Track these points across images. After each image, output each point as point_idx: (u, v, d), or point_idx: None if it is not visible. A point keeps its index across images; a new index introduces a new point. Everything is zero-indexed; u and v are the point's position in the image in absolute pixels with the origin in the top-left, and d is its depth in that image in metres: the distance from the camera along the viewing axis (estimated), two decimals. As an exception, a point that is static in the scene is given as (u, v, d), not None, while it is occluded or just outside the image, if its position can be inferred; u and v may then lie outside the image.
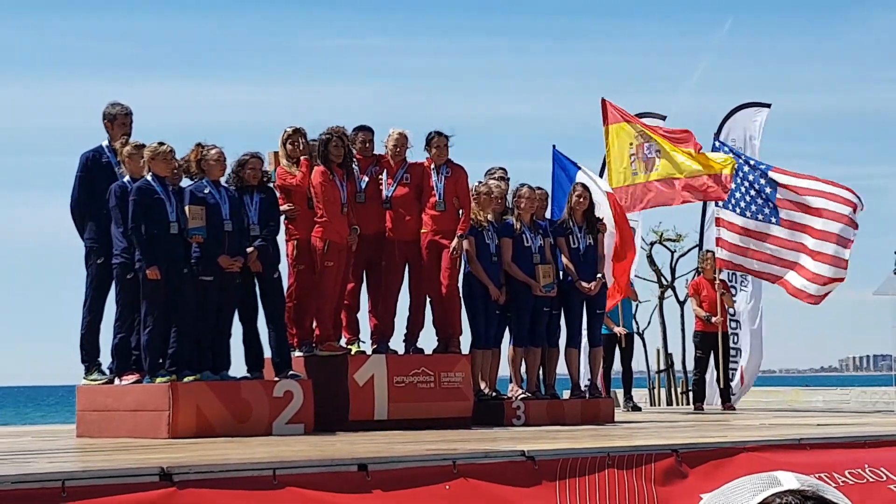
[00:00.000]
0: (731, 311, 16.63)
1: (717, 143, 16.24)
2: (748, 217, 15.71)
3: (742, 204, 15.75)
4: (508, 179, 12.72)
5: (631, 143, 15.48)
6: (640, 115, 16.23)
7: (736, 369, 17.08)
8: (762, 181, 15.55)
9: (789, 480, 2.17)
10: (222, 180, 10.66)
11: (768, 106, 17.89)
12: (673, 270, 26.82)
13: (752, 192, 15.64)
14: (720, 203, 15.99)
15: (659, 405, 24.78)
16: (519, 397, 12.14)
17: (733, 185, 15.45)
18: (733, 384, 16.80)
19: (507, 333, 12.47)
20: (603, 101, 15.72)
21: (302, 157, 11.13)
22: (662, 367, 26.45)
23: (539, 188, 12.77)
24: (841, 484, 8.47)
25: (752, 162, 15.77)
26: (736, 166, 14.97)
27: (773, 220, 15.48)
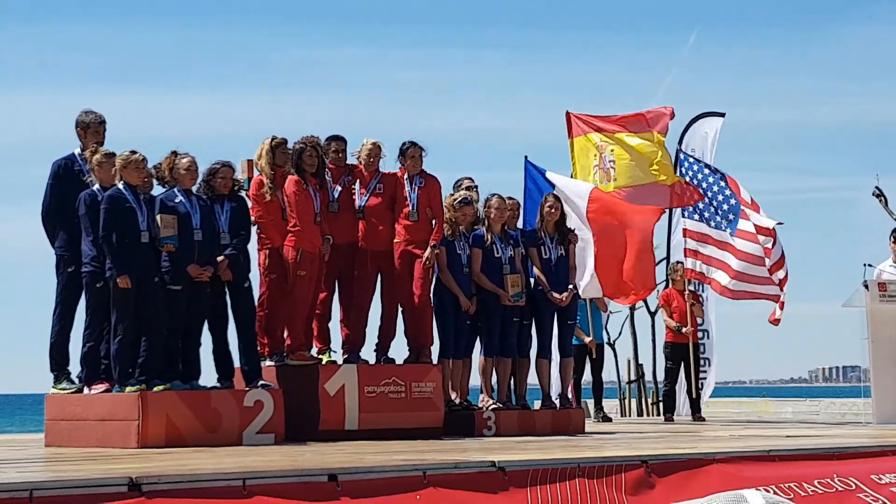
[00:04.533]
0: (700, 321, 16.69)
1: (681, 156, 16.32)
2: (712, 227, 15.82)
3: (706, 213, 15.84)
4: (477, 187, 12.74)
5: (594, 154, 15.61)
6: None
7: (706, 379, 17.16)
8: (727, 192, 15.65)
9: (755, 498, 2.19)
10: (193, 189, 10.63)
11: (723, 115, 17.99)
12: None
13: (716, 202, 15.74)
14: (686, 213, 16.09)
15: (630, 416, 24.83)
16: (490, 408, 12.14)
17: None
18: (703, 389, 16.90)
19: (478, 343, 12.47)
20: (567, 114, 15.84)
21: (267, 195, 11.04)
22: (633, 377, 26.52)
23: (510, 198, 12.78)
24: (811, 494, 8.51)
25: (711, 170, 15.86)
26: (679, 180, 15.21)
27: (730, 230, 15.60)
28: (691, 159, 16.11)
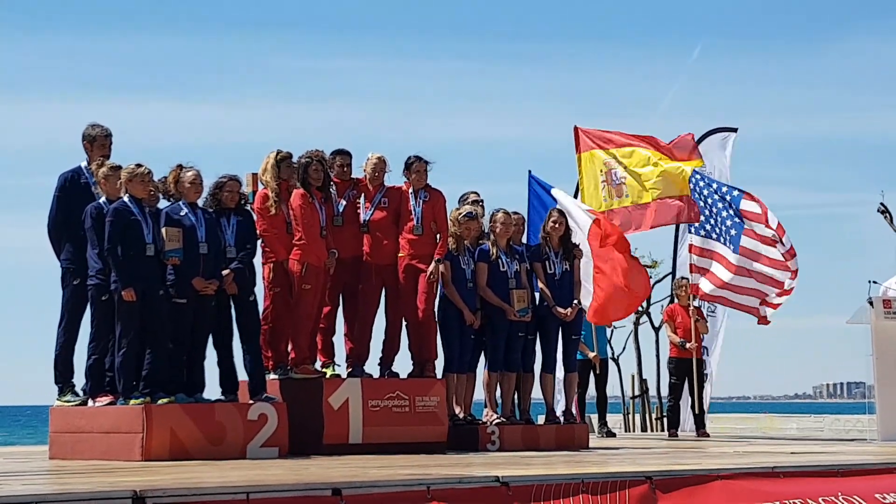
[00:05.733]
0: (705, 337, 16.68)
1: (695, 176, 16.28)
2: (722, 243, 15.79)
3: (717, 230, 15.82)
4: (482, 202, 12.74)
5: (601, 170, 15.59)
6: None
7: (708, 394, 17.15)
8: (731, 210, 15.65)
9: None
10: (199, 202, 10.65)
11: (735, 130, 17.96)
12: (648, 296, 26.87)
13: (721, 217, 15.73)
14: (692, 229, 16.07)
15: (633, 431, 24.79)
16: (494, 422, 12.13)
17: (707, 212, 15.57)
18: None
19: (482, 358, 12.47)
20: (575, 128, 15.83)
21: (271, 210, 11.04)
22: (637, 392, 26.47)
23: (515, 213, 12.79)
24: (814, 512, 8.50)
25: (724, 189, 15.83)
26: (692, 184, 15.20)
27: (733, 247, 15.59)
28: (697, 176, 16.08)
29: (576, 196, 16.14)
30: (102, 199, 10.37)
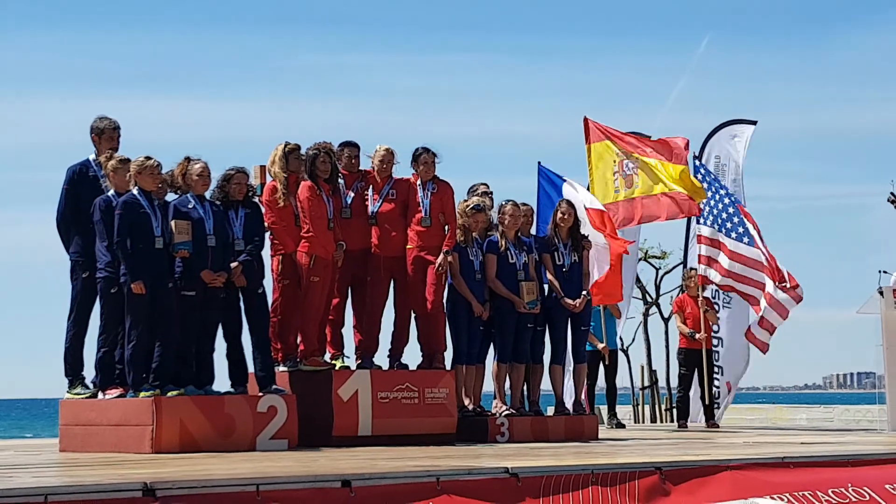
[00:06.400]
0: (714, 328, 16.67)
1: (696, 163, 16.29)
2: (729, 237, 15.79)
3: (719, 222, 15.83)
4: (492, 194, 12.74)
5: (614, 161, 15.56)
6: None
7: (720, 386, 17.12)
8: (732, 210, 15.70)
9: None
10: (207, 195, 10.65)
11: (754, 123, 17.90)
12: (657, 287, 26.90)
13: (729, 212, 15.75)
14: (701, 220, 16.07)
15: (643, 422, 24.80)
16: (503, 414, 12.14)
17: (712, 203, 15.61)
18: (718, 399, 16.86)
19: (491, 349, 12.47)
20: (585, 119, 15.79)
21: (280, 201, 11.03)
22: (647, 383, 26.49)
23: (524, 204, 12.78)
24: (824, 503, 8.49)
25: (723, 191, 15.87)
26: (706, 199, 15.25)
27: (746, 239, 15.59)
28: (703, 171, 16.09)
29: (586, 188, 16.12)
30: (111, 192, 10.38)
